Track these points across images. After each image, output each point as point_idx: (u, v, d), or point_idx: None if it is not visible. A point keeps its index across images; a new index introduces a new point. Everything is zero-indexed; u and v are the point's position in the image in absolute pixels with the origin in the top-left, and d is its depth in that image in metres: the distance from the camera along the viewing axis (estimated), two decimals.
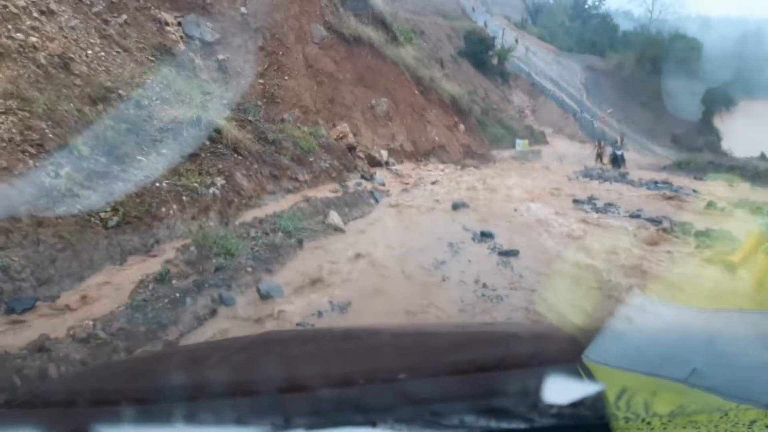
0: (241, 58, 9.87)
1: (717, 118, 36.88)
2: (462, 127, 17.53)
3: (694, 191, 11.51)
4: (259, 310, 4.32)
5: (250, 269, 4.97)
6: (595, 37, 51.77)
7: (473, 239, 6.84)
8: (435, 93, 16.48)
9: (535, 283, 5.37)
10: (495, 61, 36.68)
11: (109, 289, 4.16)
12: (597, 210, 8.91)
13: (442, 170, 12.57)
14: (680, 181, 13.20)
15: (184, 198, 5.59)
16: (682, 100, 34.26)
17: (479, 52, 34.84)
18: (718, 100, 37.62)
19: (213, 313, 4.13)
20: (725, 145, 30.57)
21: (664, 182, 13.28)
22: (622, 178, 13.88)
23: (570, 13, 58.02)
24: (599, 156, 21.04)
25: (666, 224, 7.96)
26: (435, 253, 6.11)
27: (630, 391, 0.76)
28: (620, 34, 55.31)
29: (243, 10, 10.27)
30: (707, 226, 7.63)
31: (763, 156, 18.68)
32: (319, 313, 4.36)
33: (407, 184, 10.31)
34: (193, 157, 6.36)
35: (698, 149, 25.79)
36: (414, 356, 1.07)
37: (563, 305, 4.60)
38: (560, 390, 0.79)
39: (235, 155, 7.01)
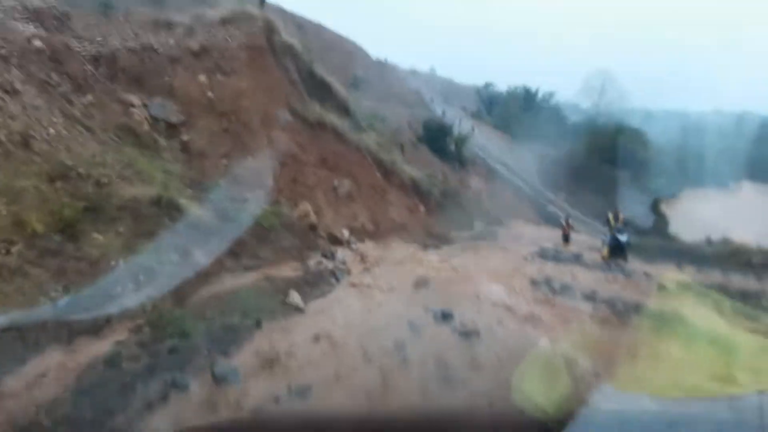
0: (205, 139, 10.01)
1: (663, 204, 38.84)
2: (422, 208, 17.88)
3: (645, 273, 11.85)
4: (213, 395, 4.15)
5: (205, 351, 4.81)
6: (546, 127, 54.57)
7: (434, 319, 6.81)
8: (396, 175, 16.89)
9: (497, 366, 5.34)
10: (453, 147, 38.09)
11: (55, 372, 3.94)
12: (554, 291, 9.03)
13: (403, 250, 12.64)
14: (632, 264, 13.59)
15: (140, 276, 5.45)
16: (630, 186, 36.13)
17: (438, 138, 36.17)
18: (663, 188, 39.73)
19: (165, 398, 3.95)
20: (672, 230, 31.93)
21: (616, 265, 13.66)
22: (576, 260, 14.24)
23: (522, 104, 61.32)
24: (566, 237, 20.05)
25: (620, 306, 8.12)
26: (395, 334, 6.04)
27: None
28: (570, 125, 58.63)
29: (209, 94, 10.53)
30: (660, 308, 7.82)
31: (708, 240, 19.48)
32: (277, 399, 4.22)
33: (369, 263, 10.30)
34: (151, 234, 6.27)
35: (647, 234, 26.81)
36: None
37: (528, 390, 4.58)
38: None
39: (195, 233, 6.94)
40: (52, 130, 6.99)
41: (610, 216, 16.51)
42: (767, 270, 12.79)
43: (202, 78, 10.73)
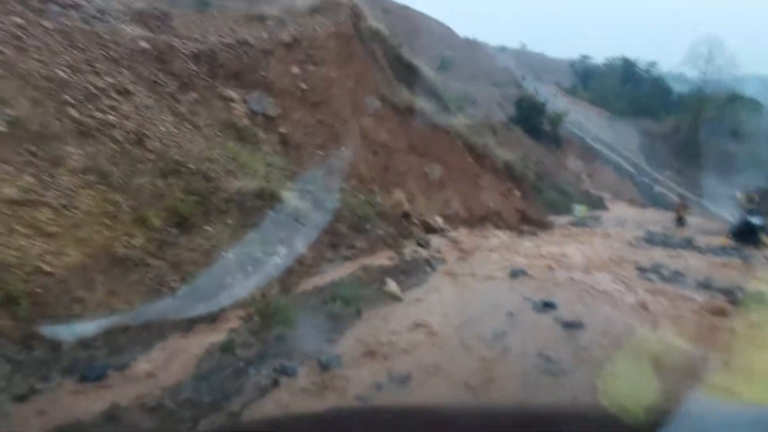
0: (301, 131, 10.30)
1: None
2: (517, 192, 17.43)
3: (766, 258, 10.91)
4: (319, 382, 4.31)
5: (311, 339, 5.00)
6: (648, 101, 51.21)
7: (534, 309, 6.66)
8: (488, 159, 16.56)
9: (602, 359, 5.13)
10: (547, 126, 36.74)
11: (176, 358, 4.26)
12: (663, 279, 8.53)
13: (499, 237, 12.42)
14: (749, 247, 12.53)
15: (248, 267, 5.74)
16: (746, 162, 33.05)
17: (531, 118, 35.06)
18: None
19: (275, 383, 4.15)
20: None
21: (733, 248, 12.64)
22: (688, 244, 13.30)
23: (621, 77, 57.94)
24: (680, 220, 18.71)
25: (738, 294, 7.53)
26: (494, 324, 5.98)
27: None
28: (674, 97, 54.58)
29: (303, 86, 10.81)
30: None
31: None
32: (378, 386, 4.30)
33: (463, 251, 10.22)
34: (256, 226, 6.57)
35: (766, 213, 24.57)
36: None
37: (629, 388, 4.36)
38: None
39: (296, 224, 7.20)
40: (162, 128, 7.46)
41: (741, 196, 14.96)
42: None
43: (295, 69, 11.02)
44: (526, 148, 30.54)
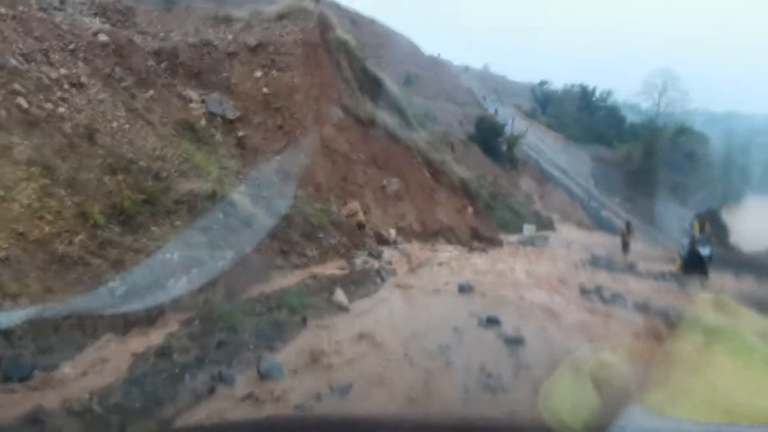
0: (260, 135, 10.21)
1: (724, 212, 37.11)
2: (471, 209, 17.69)
3: (702, 284, 11.39)
4: (258, 390, 4.25)
5: (252, 346, 4.93)
6: (602, 128, 53.09)
7: (479, 324, 6.75)
8: (445, 176, 16.77)
9: (541, 375, 5.24)
10: (505, 147, 37.57)
11: (109, 361, 4.13)
12: (604, 301, 8.80)
13: (450, 252, 12.58)
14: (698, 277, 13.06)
15: (193, 270, 5.63)
16: (690, 193, 34.64)
17: (489, 138, 35.78)
18: (724, 195, 37.99)
19: (212, 391, 4.06)
20: (733, 239, 30.58)
21: (672, 274, 13.17)
22: (630, 269, 13.79)
23: (578, 104, 59.84)
24: (625, 245, 18.70)
25: (673, 318, 7.82)
26: (439, 337, 6.02)
27: None
28: (628, 126, 56.70)
29: (265, 90, 10.73)
30: (714, 322, 7.51)
31: None
32: (319, 396, 4.27)
33: (415, 264, 10.30)
34: (205, 229, 6.46)
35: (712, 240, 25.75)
36: None
37: (567, 404, 4.47)
38: None
39: (247, 229, 7.11)
40: (115, 124, 7.27)
41: (695, 224, 14.11)
42: None
43: (258, 73, 10.94)
44: (482, 166, 31.09)
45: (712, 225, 13.63)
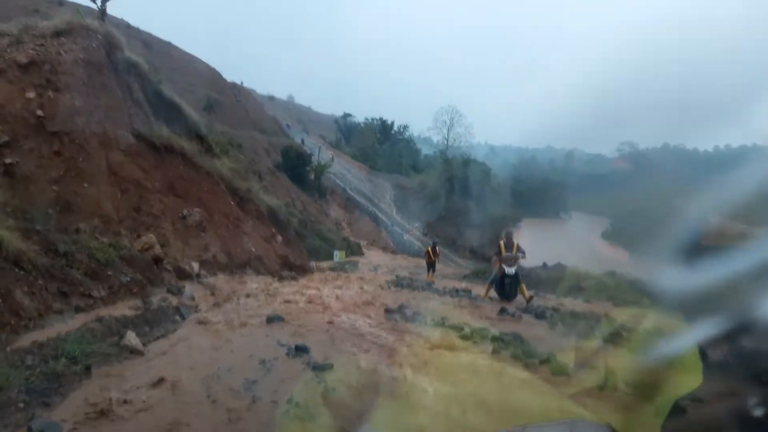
0: (33, 162, 8.98)
1: (501, 234, 42.56)
2: (280, 238, 17.57)
3: (490, 299, 12.68)
4: None
5: (22, 404, 4.23)
6: (401, 159, 57.34)
7: (287, 354, 6.64)
8: (252, 204, 16.45)
9: (349, 397, 5.32)
10: (312, 176, 38.33)
11: None
12: (406, 319, 9.32)
13: (259, 282, 12.29)
14: (478, 289, 14.47)
15: None
16: (476, 215, 38.91)
17: (297, 166, 36.28)
18: (504, 216, 43.35)
19: None
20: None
21: (465, 290, 14.49)
22: (428, 286, 14.90)
23: (379, 136, 63.72)
24: (432, 266, 18.92)
25: (467, 331, 8.57)
26: (245, 373, 5.79)
27: None
28: (423, 157, 62.17)
29: (39, 112, 9.49)
30: (501, 331, 8.41)
31: (544, 265, 21.47)
32: None
33: (220, 297, 9.85)
34: None
35: (490, 260, 29.01)
36: None
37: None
38: None
39: (17, 270, 6.13)
40: None
41: (501, 243, 12.57)
42: (593, 292, 14.30)
43: (31, 94, 9.66)
44: (291, 195, 31.27)
45: (508, 240, 12.46)
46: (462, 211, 38.86)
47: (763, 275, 2.06)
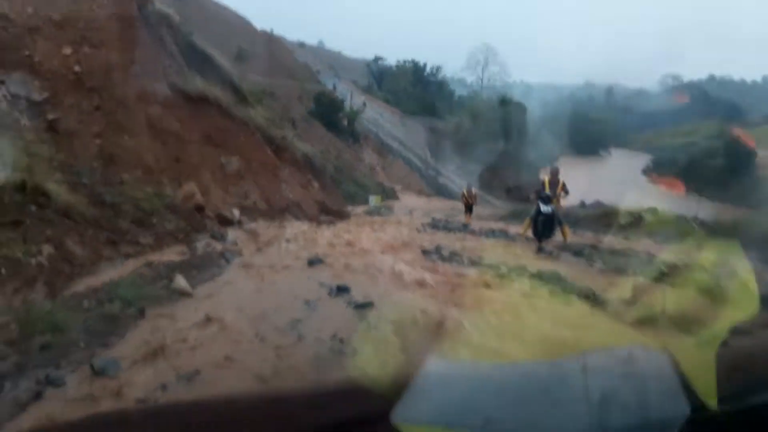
0: (75, 117, 9.23)
1: (542, 172, 41.69)
2: (316, 184, 17.79)
3: (527, 238, 12.69)
4: (94, 388, 3.94)
5: (82, 344, 4.54)
6: (434, 102, 56.20)
7: (329, 294, 6.86)
8: (288, 152, 16.61)
9: (390, 333, 5.50)
10: (345, 122, 38.15)
11: None
12: (443, 259, 9.45)
13: (298, 227, 12.56)
14: (515, 229, 14.43)
15: (3, 270, 5.00)
16: (512, 156, 38.26)
17: (330, 113, 36.11)
18: (541, 156, 42.49)
19: (38, 396, 3.69)
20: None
21: (501, 231, 14.49)
22: (464, 228, 14.96)
23: (411, 79, 62.43)
24: (469, 208, 18.28)
25: (504, 269, 8.65)
26: (290, 313, 6.03)
27: None
28: (456, 99, 60.73)
29: (77, 68, 9.69)
30: (539, 269, 8.45)
31: (582, 204, 21.12)
32: (164, 387, 4.08)
33: (262, 242, 10.14)
34: (16, 224, 5.75)
35: (528, 200, 28.66)
36: (270, 422, 1.07)
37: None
38: None
39: (67, 221, 6.46)
40: None
41: (546, 180, 12.05)
42: (632, 229, 14.09)
43: (67, 50, 9.83)
44: (325, 142, 31.33)
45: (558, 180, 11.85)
46: (499, 153, 38.22)
47: None
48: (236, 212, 11.28)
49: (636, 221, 14.26)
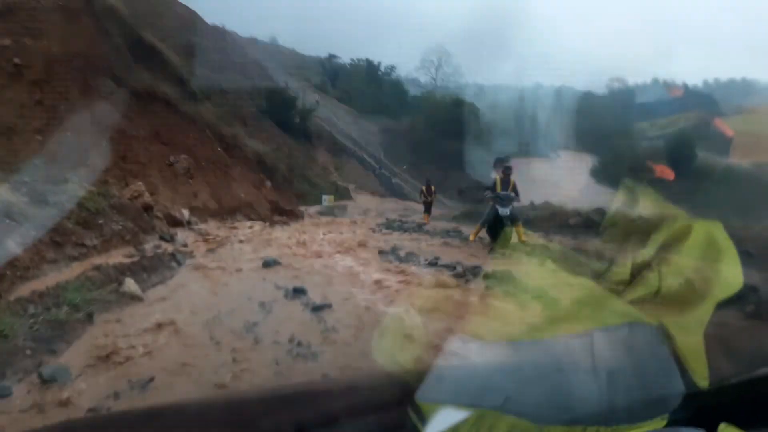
0: (14, 112, 8.81)
1: (495, 170, 42.39)
2: (269, 184, 17.55)
3: (480, 238, 12.89)
4: (42, 398, 3.76)
5: (29, 352, 4.31)
6: (388, 101, 56.24)
7: (285, 297, 6.78)
8: (239, 150, 16.34)
9: (348, 335, 5.48)
10: (298, 120, 37.73)
11: None
12: (400, 260, 9.49)
13: (251, 228, 12.36)
14: (468, 229, 14.65)
15: None
16: (464, 157, 38.85)
17: (282, 111, 35.63)
18: (493, 157, 43.16)
19: None
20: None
21: (455, 231, 14.70)
22: (419, 228, 15.10)
23: (365, 78, 62.29)
24: (428, 207, 18.33)
25: (459, 269, 8.76)
26: (245, 315, 5.92)
27: (459, 425, 0.85)
28: (410, 99, 60.99)
29: (16, 60, 9.22)
30: (493, 269, 8.59)
31: (532, 204, 21.59)
32: (116, 395, 3.92)
33: (212, 244, 9.94)
34: None
35: (480, 201, 29.17)
36: (228, 428, 1.04)
37: (387, 352, 4.77)
38: None
39: (7, 221, 6.14)
40: None
41: (498, 178, 11.36)
42: (581, 230, 14.52)
43: (6, 41, 9.36)
44: (277, 140, 30.92)
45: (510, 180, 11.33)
46: (451, 154, 38.71)
47: None
48: (186, 212, 11.01)
49: (586, 221, 14.72)
